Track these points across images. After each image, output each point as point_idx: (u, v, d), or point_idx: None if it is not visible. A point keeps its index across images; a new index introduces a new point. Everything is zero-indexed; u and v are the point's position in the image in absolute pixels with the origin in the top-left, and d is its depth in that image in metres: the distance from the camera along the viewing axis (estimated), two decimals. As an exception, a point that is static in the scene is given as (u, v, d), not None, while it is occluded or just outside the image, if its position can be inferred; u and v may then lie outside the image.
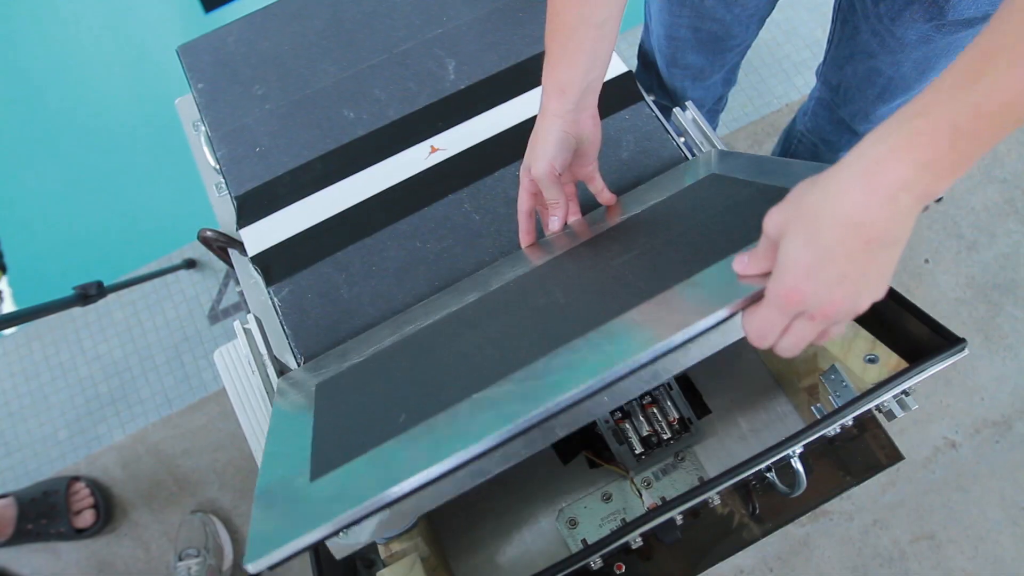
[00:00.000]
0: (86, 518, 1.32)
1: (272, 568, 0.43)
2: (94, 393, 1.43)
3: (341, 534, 0.47)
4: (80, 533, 1.31)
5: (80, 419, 1.41)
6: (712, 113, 1.24)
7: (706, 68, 1.05)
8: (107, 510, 1.34)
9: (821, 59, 1.00)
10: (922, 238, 1.45)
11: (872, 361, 0.57)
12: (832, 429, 0.55)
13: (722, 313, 0.45)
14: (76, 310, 1.45)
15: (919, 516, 1.29)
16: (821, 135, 1.10)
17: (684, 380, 0.72)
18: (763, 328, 0.44)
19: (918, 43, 0.80)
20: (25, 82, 1.79)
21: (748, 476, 0.54)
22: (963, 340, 0.55)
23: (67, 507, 1.31)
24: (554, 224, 0.66)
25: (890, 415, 0.63)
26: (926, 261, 1.44)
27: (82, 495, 1.33)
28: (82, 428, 1.41)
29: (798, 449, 0.55)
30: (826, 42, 0.96)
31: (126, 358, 1.44)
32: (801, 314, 0.43)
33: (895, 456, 0.70)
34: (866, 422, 0.71)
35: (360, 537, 0.51)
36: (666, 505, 0.54)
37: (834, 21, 0.92)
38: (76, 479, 1.35)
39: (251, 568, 0.42)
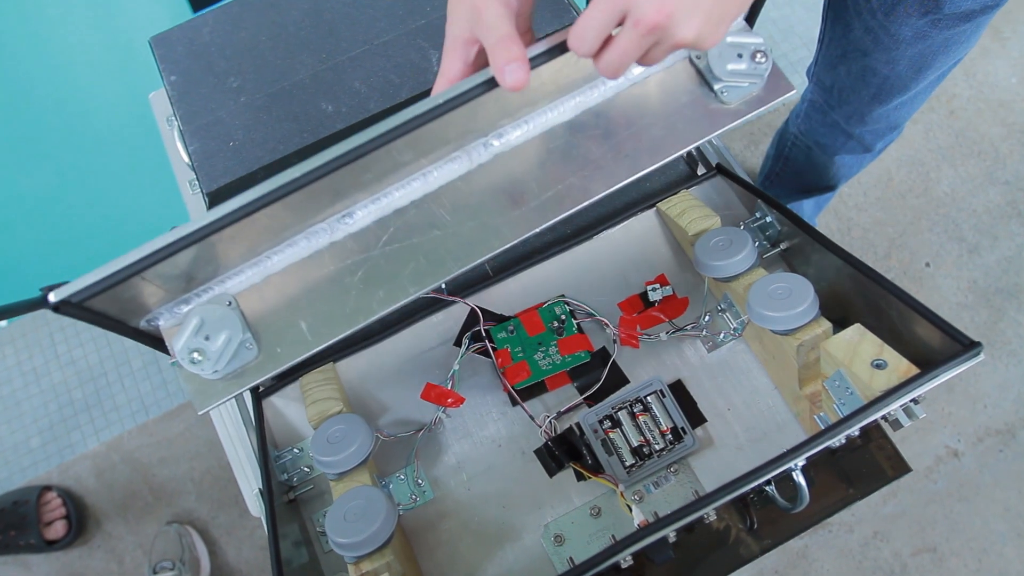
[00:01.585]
0: (57, 529, 1.26)
1: (72, 300, 0.43)
2: (68, 399, 1.38)
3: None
4: (51, 545, 1.26)
5: (53, 426, 1.36)
6: None
7: None
8: (79, 521, 1.29)
9: (812, 59, 0.96)
10: (923, 241, 1.41)
11: (880, 367, 0.53)
12: (837, 440, 0.51)
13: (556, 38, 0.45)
14: (50, 314, 1.40)
15: (920, 528, 1.25)
16: (814, 138, 1.06)
17: (678, 387, 0.68)
18: (584, 28, 0.42)
19: (913, 39, 0.76)
20: (7, 80, 1.74)
21: (747, 491, 0.50)
22: (978, 344, 0.51)
23: (38, 518, 1.26)
24: (520, 75, 0.44)
25: (896, 424, 0.59)
26: (927, 264, 1.40)
27: (53, 505, 1.28)
28: (55, 436, 1.36)
29: (800, 462, 0.51)
30: (816, 41, 0.92)
31: (101, 363, 1.40)
32: (626, 20, 0.41)
33: (902, 468, 0.66)
34: (870, 432, 0.67)
35: (213, 342, 0.49)
36: (658, 522, 0.50)
37: (824, 19, 0.87)
38: (47, 488, 1.30)
39: (52, 297, 0.44)
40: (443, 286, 0.65)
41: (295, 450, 0.68)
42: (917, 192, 1.45)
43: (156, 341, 0.52)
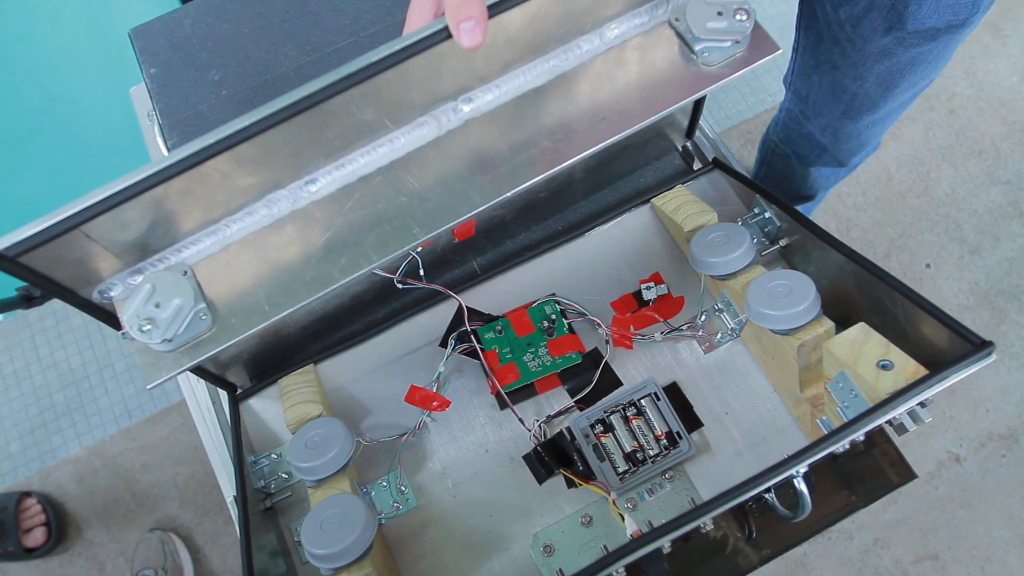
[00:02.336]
0: (36, 537, 1.23)
1: (8, 254, 0.41)
2: (49, 403, 1.34)
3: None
4: (30, 553, 1.23)
5: (34, 430, 1.33)
6: None
7: None
8: (59, 528, 1.26)
9: (788, 68, 0.94)
10: (924, 242, 1.39)
11: (886, 367, 0.50)
12: (841, 445, 0.48)
13: None
14: (32, 315, 1.37)
15: (922, 535, 1.22)
16: (792, 148, 1.04)
17: (673, 390, 0.65)
18: None
19: (879, 56, 0.75)
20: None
21: (746, 500, 0.47)
22: (990, 344, 0.48)
23: (16, 525, 1.22)
24: (476, 35, 0.42)
25: (901, 429, 0.57)
26: (927, 266, 1.38)
27: (33, 512, 1.24)
28: (35, 440, 1.32)
29: (802, 469, 0.48)
30: (791, 50, 0.90)
31: (84, 366, 1.36)
32: None
33: (907, 474, 0.64)
34: (874, 436, 0.65)
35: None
36: (652, 533, 0.47)
37: (798, 27, 0.86)
38: (27, 495, 1.26)
39: None
40: (422, 272, 0.63)
41: (273, 455, 0.65)
42: (917, 192, 1.42)
43: (110, 317, 0.50)
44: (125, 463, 1.30)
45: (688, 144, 0.77)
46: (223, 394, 0.70)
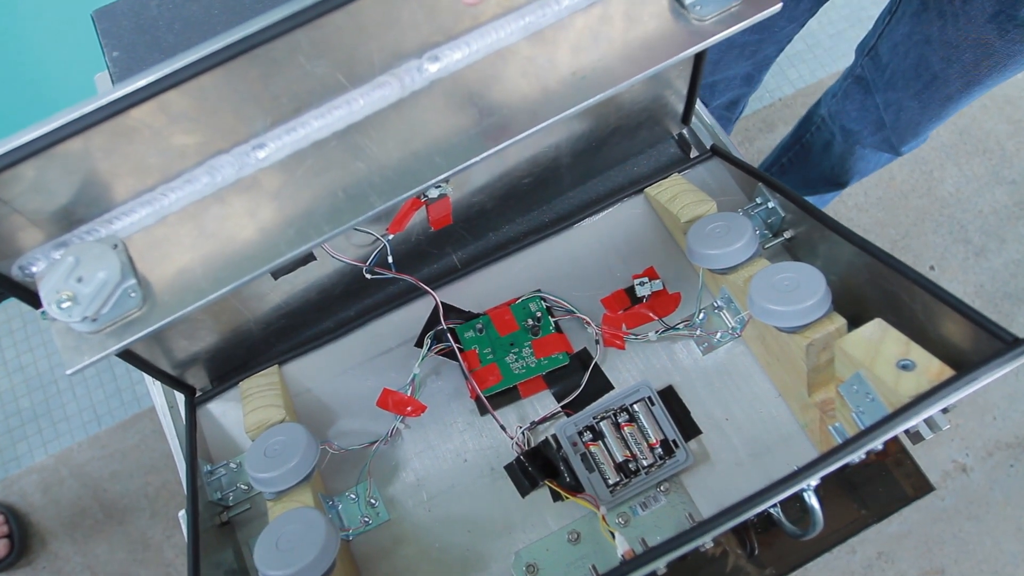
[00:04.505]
0: (-2, 550, 1.18)
1: None
2: (14, 408, 1.29)
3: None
4: (-9, 567, 1.17)
5: (-3, 437, 1.27)
6: (725, 120, 1.13)
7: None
8: (23, 540, 1.21)
9: (869, 31, 0.91)
10: (927, 243, 1.34)
11: (907, 367, 0.45)
12: (857, 456, 0.43)
13: None
14: (-2, 316, 1.32)
15: (928, 548, 1.18)
16: (842, 122, 1.00)
17: (669, 394, 0.60)
18: None
19: (975, 44, 0.74)
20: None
21: (751, 517, 0.42)
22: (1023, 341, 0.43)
23: (-24, 537, 1.17)
24: None
25: (916, 437, 0.52)
26: (931, 268, 1.33)
27: (-5, 523, 1.19)
28: (-1, 447, 1.27)
29: (814, 482, 0.43)
30: (884, 11, 0.88)
31: (52, 370, 1.31)
32: None
33: (923, 487, 0.59)
34: (887, 445, 0.60)
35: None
36: (646, 554, 0.41)
37: None
38: (-11, 505, 1.21)
39: None
40: (391, 260, 0.58)
41: (232, 465, 0.60)
42: (920, 192, 1.38)
43: (32, 296, 0.46)
44: (93, 472, 1.24)
45: (684, 131, 0.72)
46: (181, 397, 0.65)
